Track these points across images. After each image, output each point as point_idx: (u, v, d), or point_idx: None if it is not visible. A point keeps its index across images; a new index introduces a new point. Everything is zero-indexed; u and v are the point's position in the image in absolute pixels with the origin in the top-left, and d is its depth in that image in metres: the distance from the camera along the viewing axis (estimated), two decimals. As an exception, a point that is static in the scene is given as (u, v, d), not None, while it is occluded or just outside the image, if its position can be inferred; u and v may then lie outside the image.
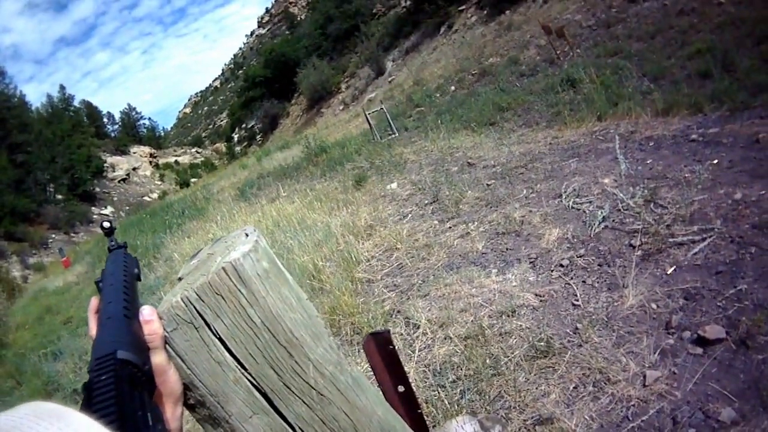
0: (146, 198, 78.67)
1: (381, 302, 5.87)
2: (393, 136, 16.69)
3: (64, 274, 22.80)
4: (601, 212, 5.77)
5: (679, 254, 4.64)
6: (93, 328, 1.13)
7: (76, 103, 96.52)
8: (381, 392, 1.72)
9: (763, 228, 4.55)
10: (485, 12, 29.41)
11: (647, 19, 14.95)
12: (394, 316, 5.48)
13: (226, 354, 1.22)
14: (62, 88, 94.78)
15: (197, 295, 1.13)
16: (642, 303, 4.22)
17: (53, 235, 53.89)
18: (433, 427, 3.43)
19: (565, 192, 6.82)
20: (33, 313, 16.05)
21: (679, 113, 8.70)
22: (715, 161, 6.35)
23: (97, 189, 74.51)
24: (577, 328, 4.22)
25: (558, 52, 16.15)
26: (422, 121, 17.02)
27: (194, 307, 1.13)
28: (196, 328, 1.14)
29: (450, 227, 7.32)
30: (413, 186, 10.06)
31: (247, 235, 1.32)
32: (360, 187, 11.66)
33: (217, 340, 1.21)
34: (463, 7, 32.82)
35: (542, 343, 4.10)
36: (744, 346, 3.49)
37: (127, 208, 72.07)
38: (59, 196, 63.34)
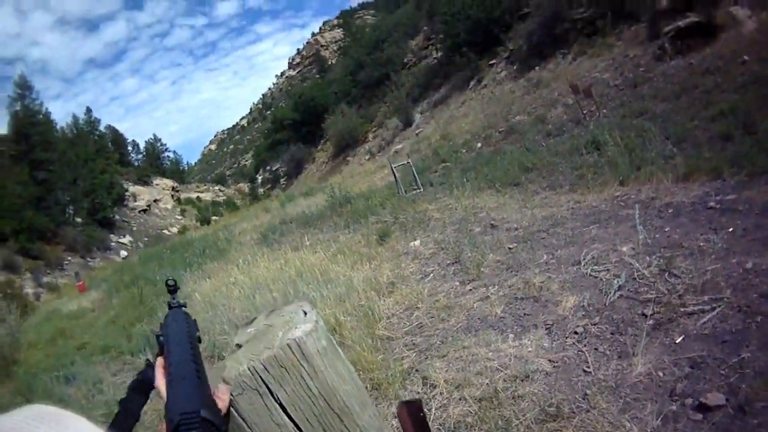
0: (166, 231, 78.04)
1: (400, 360, 6.02)
2: (418, 191, 16.88)
3: (79, 299, 22.66)
4: (617, 281, 5.96)
5: (689, 323, 4.83)
6: (161, 383, 1.35)
7: (101, 127, 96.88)
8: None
9: (770, 297, 4.75)
10: (515, 67, 29.66)
11: (673, 78, 15.20)
12: (412, 374, 5.63)
13: (286, 418, 1.47)
14: (89, 110, 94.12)
15: (264, 366, 1.40)
16: (649, 371, 4.40)
17: (69, 258, 53.37)
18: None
19: (584, 259, 7.00)
20: (46, 334, 15.93)
21: (699, 179, 8.89)
22: (731, 229, 6.56)
23: (117, 217, 73.84)
24: (586, 394, 4.40)
25: (585, 111, 16.39)
26: (447, 177, 17.23)
27: (260, 377, 1.40)
28: (260, 395, 1.41)
29: (470, 289, 7.48)
30: (436, 245, 10.21)
31: (305, 313, 1.58)
32: (383, 242, 11.79)
33: (278, 406, 1.46)
34: (494, 61, 33.04)
35: (552, 408, 4.28)
36: (742, 412, 3.66)
37: (146, 239, 71.58)
38: (78, 219, 62.63)
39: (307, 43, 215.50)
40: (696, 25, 16.66)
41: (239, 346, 1.61)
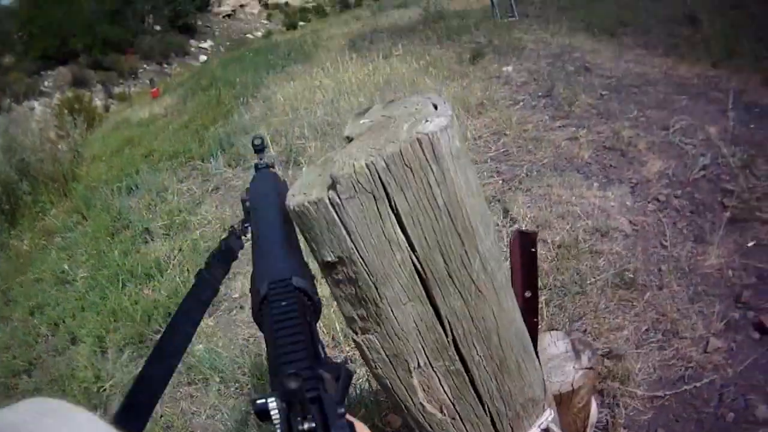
0: (249, 36, 76.03)
1: (483, 186, 5.95)
2: (513, 18, 16.29)
3: (151, 105, 21.73)
4: (703, 159, 5.83)
5: (762, 231, 4.72)
6: None
7: None
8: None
9: None
10: None
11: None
12: (493, 203, 5.63)
13: (400, 232, 1.26)
14: None
15: (385, 163, 1.19)
16: (721, 266, 4.35)
17: (145, 66, 52.96)
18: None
19: (672, 126, 6.80)
20: (112, 145, 15.17)
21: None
22: (812, 147, 6.33)
23: (199, 22, 72.39)
24: (660, 269, 4.39)
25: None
26: (544, 11, 16.54)
27: (379, 177, 1.20)
28: (375, 199, 1.21)
29: (560, 126, 7.35)
30: (529, 74, 9.91)
31: (435, 106, 1.32)
32: (475, 62, 11.44)
33: (393, 216, 1.24)
34: None
35: (628, 274, 4.28)
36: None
37: (228, 43, 69.91)
38: (157, 27, 61.47)
39: None
40: None
41: (350, 139, 1.38)
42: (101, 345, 5.68)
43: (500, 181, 6.08)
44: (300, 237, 1.37)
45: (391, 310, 1.34)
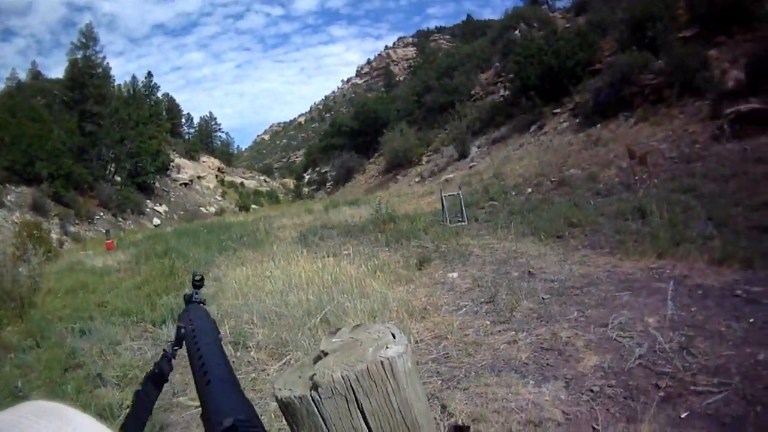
0: (203, 209, 78.88)
1: (423, 385, 6.27)
2: (462, 224, 17.15)
3: (105, 256, 22.56)
4: (639, 350, 6.23)
5: (696, 402, 5.09)
6: None
7: (159, 94, 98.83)
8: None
9: (774, 390, 5.02)
10: (577, 120, 29.97)
11: (726, 161, 15.45)
12: (432, 400, 5.88)
13: (364, 425, 1.67)
14: (149, 74, 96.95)
15: (356, 377, 1.64)
16: (652, 441, 4.69)
17: (101, 214, 53.63)
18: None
19: (611, 323, 7.25)
20: (67, 284, 15.54)
21: (732, 266, 9.11)
22: (751, 320, 6.79)
23: (157, 185, 74.54)
24: (591, 451, 4.71)
25: (636, 177, 16.60)
26: (493, 216, 17.47)
27: (350, 385, 1.64)
28: (347, 401, 1.65)
29: (500, 331, 7.74)
30: (473, 281, 10.46)
31: (394, 336, 1.86)
32: (422, 267, 12.06)
33: (360, 413, 1.66)
34: (558, 110, 33.28)
35: (560, 458, 4.61)
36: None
37: (182, 212, 72.32)
38: (117, 178, 63.18)
39: (378, 54, 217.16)
40: (756, 111, 16.86)
41: (324, 353, 1.87)
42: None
43: (439, 381, 6.35)
44: (283, 420, 1.74)
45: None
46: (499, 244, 13.33)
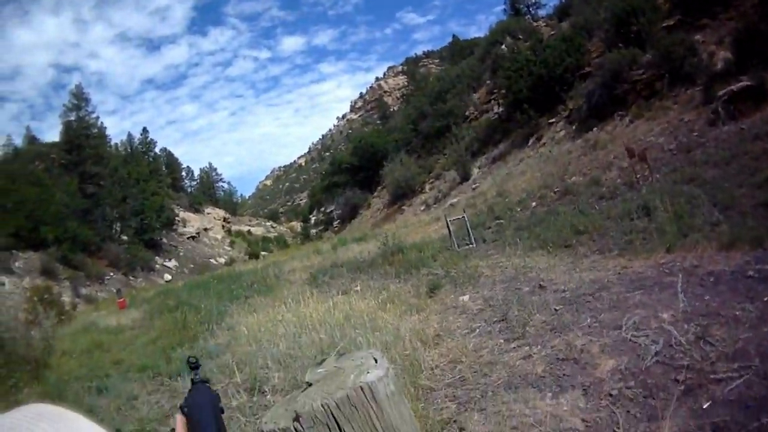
0: (213, 261, 78.75)
1: (440, 410, 6.32)
2: (470, 246, 17.23)
3: (118, 315, 22.80)
4: (655, 347, 6.25)
5: (717, 390, 5.10)
6: None
7: (156, 149, 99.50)
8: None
9: (796, 366, 5.02)
10: (573, 127, 30.00)
11: (724, 144, 15.50)
12: (450, 425, 5.95)
13: None
14: (145, 130, 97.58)
15: (336, 404, 1.71)
16: (675, 435, 4.71)
17: (111, 273, 53.51)
18: None
19: (625, 324, 7.26)
20: (81, 345, 15.91)
21: (741, 247, 9.14)
22: (766, 299, 6.83)
23: (164, 240, 74.60)
24: (616, 454, 4.71)
25: (638, 175, 16.59)
26: (500, 235, 17.52)
27: (332, 413, 1.71)
28: (329, 429, 1.73)
29: (514, 347, 7.77)
30: (484, 302, 10.53)
31: (376, 360, 1.92)
32: (433, 294, 12.15)
33: None
34: (553, 120, 33.32)
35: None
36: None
37: (192, 266, 72.21)
38: (124, 237, 63.18)
39: (370, 87, 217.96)
40: (749, 88, 16.93)
41: (309, 384, 1.93)
42: None
43: (456, 405, 6.40)
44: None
45: None
46: (507, 262, 13.40)
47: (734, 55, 19.55)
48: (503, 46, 52.14)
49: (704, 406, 4.96)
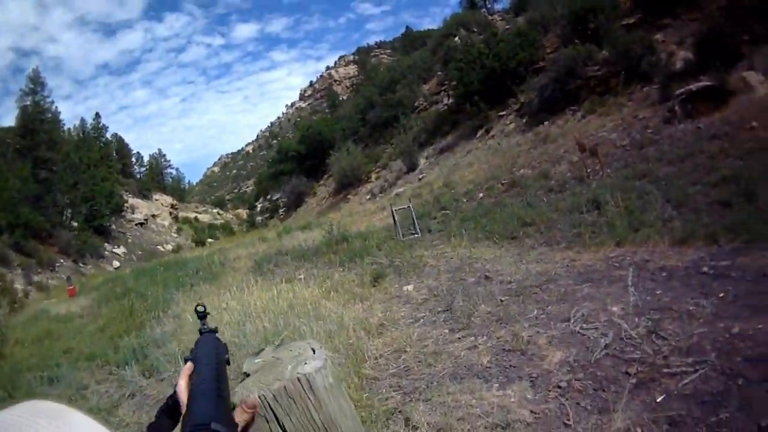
0: (160, 247, 77.78)
1: (384, 400, 6.16)
2: (416, 236, 17.11)
3: (68, 303, 22.81)
4: (604, 340, 6.15)
5: (671, 384, 5.01)
6: (183, 391, 1.45)
7: (108, 135, 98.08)
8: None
9: (753, 361, 4.94)
10: (524, 120, 30.02)
11: (680, 142, 15.47)
12: (395, 415, 5.78)
13: None
14: (97, 115, 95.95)
15: (273, 396, 1.57)
16: (628, 427, 4.54)
17: (62, 260, 53.04)
18: None
19: (573, 316, 7.17)
20: (33, 333, 16.07)
21: (695, 244, 9.16)
22: (721, 294, 6.79)
23: (113, 227, 73.76)
24: (564, 446, 4.55)
25: (588, 170, 16.58)
26: (446, 225, 17.49)
27: (269, 405, 1.57)
28: (267, 421, 1.58)
29: (459, 338, 7.63)
30: (429, 291, 10.41)
31: (314, 351, 1.78)
32: (377, 283, 11.99)
33: None
34: (504, 113, 33.33)
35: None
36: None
37: (140, 252, 71.23)
38: (74, 224, 62.53)
39: (320, 76, 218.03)
40: (708, 89, 16.94)
41: (247, 374, 1.76)
42: None
43: (401, 395, 6.22)
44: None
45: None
46: (453, 252, 13.31)
47: (695, 56, 19.58)
48: (456, 39, 52.18)
49: (658, 400, 4.86)
